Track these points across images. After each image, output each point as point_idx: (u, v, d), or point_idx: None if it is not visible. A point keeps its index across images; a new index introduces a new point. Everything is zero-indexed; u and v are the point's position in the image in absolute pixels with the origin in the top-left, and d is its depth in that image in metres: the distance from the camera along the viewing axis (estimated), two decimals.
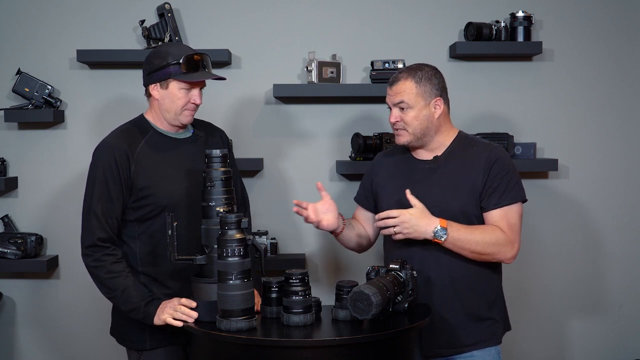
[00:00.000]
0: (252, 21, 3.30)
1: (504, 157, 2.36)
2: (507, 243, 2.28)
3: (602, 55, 3.37)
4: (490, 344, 2.37)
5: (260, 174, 3.34)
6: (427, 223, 2.23)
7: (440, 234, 2.22)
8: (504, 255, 2.29)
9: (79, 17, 3.27)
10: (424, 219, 2.23)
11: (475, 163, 2.33)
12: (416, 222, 2.22)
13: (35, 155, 3.29)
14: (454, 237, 2.23)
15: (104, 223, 2.30)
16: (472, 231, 2.26)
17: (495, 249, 2.27)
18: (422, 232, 2.23)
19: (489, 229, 2.28)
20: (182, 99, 2.36)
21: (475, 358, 2.35)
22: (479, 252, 2.26)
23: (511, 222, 2.30)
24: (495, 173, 2.31)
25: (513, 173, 2.34)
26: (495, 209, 2.30)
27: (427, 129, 2.35)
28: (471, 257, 2.28)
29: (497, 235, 2.27)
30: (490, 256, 2.28)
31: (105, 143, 2.38)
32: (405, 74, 2.36)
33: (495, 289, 2.41)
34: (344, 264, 3.37)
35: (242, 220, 2.07)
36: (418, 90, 2.33)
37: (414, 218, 2.23)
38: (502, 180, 2.31)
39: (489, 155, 2.33)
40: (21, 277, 3.33)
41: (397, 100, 2.35)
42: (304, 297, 2.08)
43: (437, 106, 2.36)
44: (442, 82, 2.39)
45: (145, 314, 2.26)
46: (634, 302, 3.46)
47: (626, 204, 3.43)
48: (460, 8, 3.31)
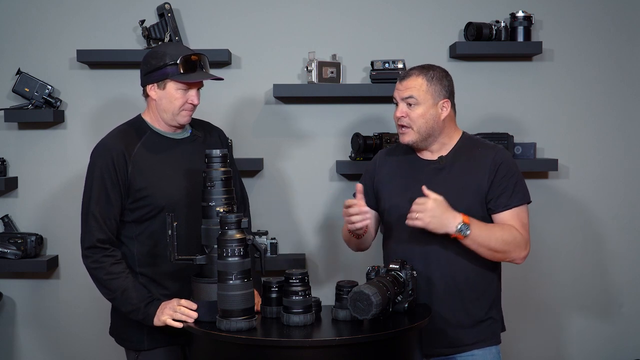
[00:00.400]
0: (252, 21, 3.30)
1: (509, 159, 2.38)
2: (522, 243, 2.30)
3: (602, 55, 3.37)
4: (490, 343, 2.37)
5: (260, 174, 3.34)
6: (451, 217, 2.19)
7: (464, 230, 2.19)
8: (517, 254, 2.30)
9: (79, 17, 3.27)
10: (448, 212, 2.19)
11: (481, 164, 2.34)
12: (441, 213, 2.18)
13: (35, 155, 3.29)
14: (475, 233, 2.21)
15: (103, 224, 2.30)
16: (492, 229, 2.26)
17: (511, 248, 2.27)
18: (444, 224, 2.18)
19: (507, 228, 2.29)
20: (179, 99, 2.36)
21: (476, 357, 2.35)
22: (497, 250, 2.26)
23: (524, 222, 2.33)
24: (502, 175, 2.32)
25: (518, 175, 2.36)
26: (505, 210, 2.31)
27: (432, 129, 2.35)
28: (487, 255, 2.27)
29: (515, 234, 2.28)
30: (505, 255, 2.29)
31: (102, 144, 2.37)
32: (418, 70, 2.37)
33: (496, 289, 2.42)
34: (344, 264, 3.37)
35: (242, 220, 2.07)
36: (428, 88, 2.33)
37: (439, 209, 2.18)
38: (509, 182, 2.32)
39: (494, 158, 2.34)
40: (21, 277, 3.33)
41: (407, 94, 2.34)
42: (304, 297, 2.08)
43: (444, 108, 2.36)
44: (452, 85, 2.40)
45: (145, 315, 2.26)
46: (634, 302, 3.46)
47: (626, 204, 3.43)
48: (460, 8, 3.31)
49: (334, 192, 3.33)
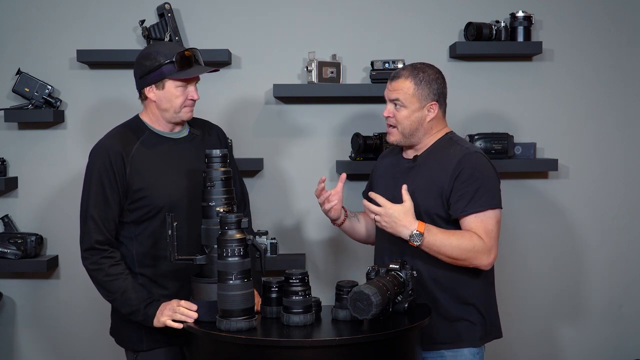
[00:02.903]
0: (252, 21, 3.30)
1: (476, 163, 2.32)
2: (483, 250, 2.26)
3: (602, 56, 3.37)
4: (463, 345, 2.35)
5: (260, 174, 3.34)
6: (407, 224, 2.22)
7: (415, 239, 2.22)
8: (480, 261, 2.27)
9: (79, 17, 3.27)
10: (405, 219, 2.22)
11: (446, 166, 2.32)
12: (397, 219, 2.22)
13: (35, 155, 3.29)
14: (429, 242, 2.22)
15: (101, 226, 2.30)
16: (449, 237, 2.25)
17: (471, 255, 2.25)
18: (398, 231, 2.23)
19: (466, 235, 2.26)
20: (179, 97, 2.35)
21: (446, 358, 2.35)
22: (455, 258, 2.25)
23: (488, 229, 2.27)
24: (463, 180, 2.28)
25: (484, 179, 2.30)
26: (468, 215, 2.28)
27: (416, 130, 2.37)
28: (448, 261, 2.27)
29: (474, 241, 2.25)
30: (467, 262, 2.27)
31: (100, 145, 2.37)
32: (407, 72, 2.37)
33: (477, 292, 2.38)
34: (344, 264, 3.37)
35: (242, 220, 2.07)
36: (415, 91, 2.34)
37: (396, 215, 2.22)
38: (468, 187, 2.28)
39: (460, 160, 2.30)
40: (21, 277, 3.33)
41: (393, 96, 2.38)
42: (304, 297, 2.08)
43: (431, 110, 2.36)
44: (442, 87, 2.39)
45: (144, 316, 2.26)
46: (634, 302, 3.46)
47: (626, 204, 3.43)
48: (460, 8, 3.31)
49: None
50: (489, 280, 2.42)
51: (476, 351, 2.37)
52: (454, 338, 2.35)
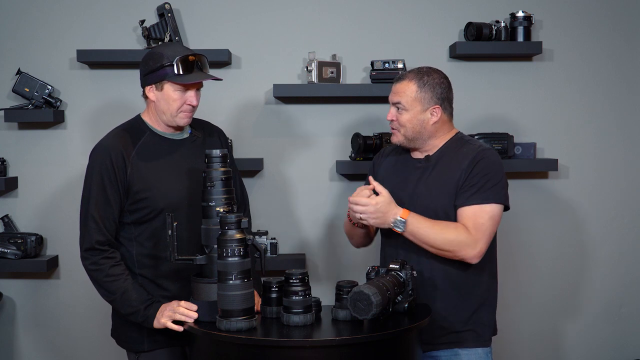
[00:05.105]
0: (252, 21, 3.30)
1: (491, 159, 2.33)
2: (468, 242, 2.25)
3: (601, 56, 3.37)
4: (477, 345, 2.36)
5: (260, 174, 3.34)
6: (392, 212, 2.24)
7: (398, 225, 2.23)
8: (465, 253, 2.26)
9: (79, 17, 3.27)
10: (390, 208, 2.24)
11: (462, 162, 2.33)
12: (384, 211, 2.24)
13: (35, 155, 3.29)
14: (412, 229, 2.24)
15: (102, 226, 2.29)
16: (432, 226, 2.25)
17: (455, 247, 2.25)
18: (385, 220, 2.25)
19: (450, 226, 2.27)
20: (177, 100, 2.34)
21: (461, 357, 2.35)
22: (438, 248, 2.26)
23: (478, 222, 2.27)
24: (476, 172, 2.30)
25: (495, 175, 2.31)
26: (465, 206, 2.28)
27: (419, 133, 2.37)
28: (432, 251, 2.28)
29: (458, 233, 2.25)
30: (452, 253, 2.27)
31: (101, 145, 2.36)
32: (412, 75, 2.38)
33: (489, 291, 2.40)
34: (344, 264, 3.37)
35: (242, 220, 2.07)
36: (417, 95, 2.34)
37: (383, 207, 2.24)
38: (480, 179, 2.29)
39: (475, 155, 2.32)
40: (21, 277, 3.33)
41: (396, 100, 2.38)
42: (304, 297, 2.08)
43: (434, 114, 2.36)
44: (447, 91, 2.39)
45: (145, 317, 2.26)
46: (634, 302, 3.46)
47: (626, 204, 3.43)
48: (460, 8, 3.31)
49: (334, 192, 3.33)
50: (495, 279, 2.45)
51: (489, 350, 2.39)
52: (469, 337, 2.36)
